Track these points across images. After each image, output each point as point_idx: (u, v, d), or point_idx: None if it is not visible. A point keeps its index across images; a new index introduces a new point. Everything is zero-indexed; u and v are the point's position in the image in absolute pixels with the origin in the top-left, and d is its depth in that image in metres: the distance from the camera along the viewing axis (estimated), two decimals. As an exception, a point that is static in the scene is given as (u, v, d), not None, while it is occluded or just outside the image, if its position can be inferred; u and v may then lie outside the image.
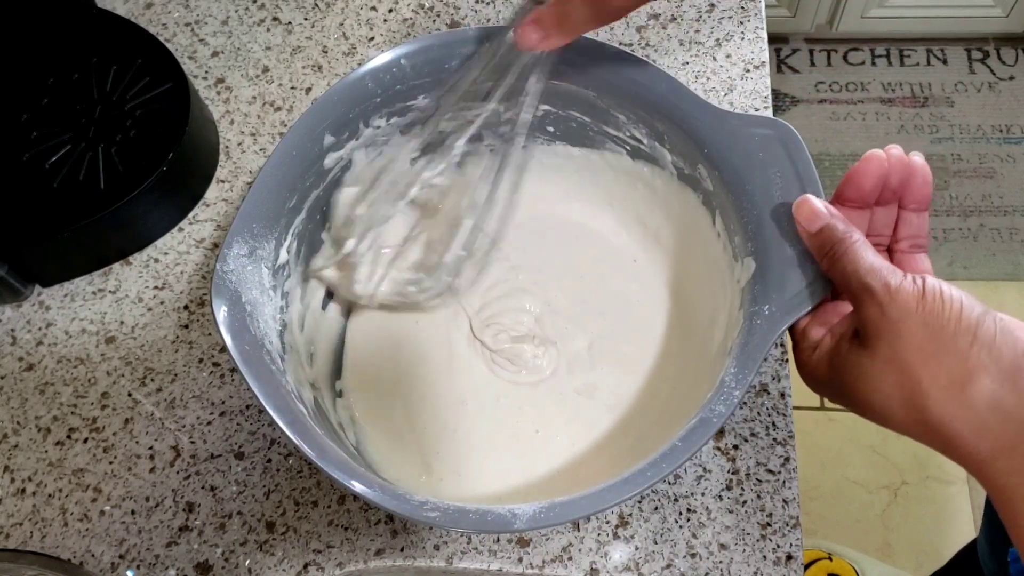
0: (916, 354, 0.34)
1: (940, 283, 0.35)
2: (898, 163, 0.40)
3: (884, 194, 0.41)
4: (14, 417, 0.52)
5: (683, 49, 0.63)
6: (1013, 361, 0.33)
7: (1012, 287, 1.40)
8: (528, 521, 0.37)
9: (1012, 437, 0.33)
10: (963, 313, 0.34)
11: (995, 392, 0.33)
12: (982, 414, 0.33)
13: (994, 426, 0.33)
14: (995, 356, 0.33)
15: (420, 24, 0.66)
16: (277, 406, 0.39)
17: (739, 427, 0.50)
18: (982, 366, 0.33)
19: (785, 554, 0.47)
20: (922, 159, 0.41)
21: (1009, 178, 1.50)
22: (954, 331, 0.34)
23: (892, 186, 0.41)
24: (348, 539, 0.48)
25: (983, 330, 0.34)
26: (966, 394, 0.33)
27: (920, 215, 0.42)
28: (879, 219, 0.42)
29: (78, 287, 0.56)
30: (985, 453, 0.33)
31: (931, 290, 0.35)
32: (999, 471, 0.33)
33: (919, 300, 0.35)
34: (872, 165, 0.40)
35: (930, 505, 1.21)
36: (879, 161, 0.40)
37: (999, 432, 0.33)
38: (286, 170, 0.45)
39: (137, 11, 0.67)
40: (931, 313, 0.34)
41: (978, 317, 0.34)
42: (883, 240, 0.42)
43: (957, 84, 1.59)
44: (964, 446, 0.34)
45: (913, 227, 0.42)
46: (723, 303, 0.47)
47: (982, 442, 0.33)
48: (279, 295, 0.46)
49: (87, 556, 0.48)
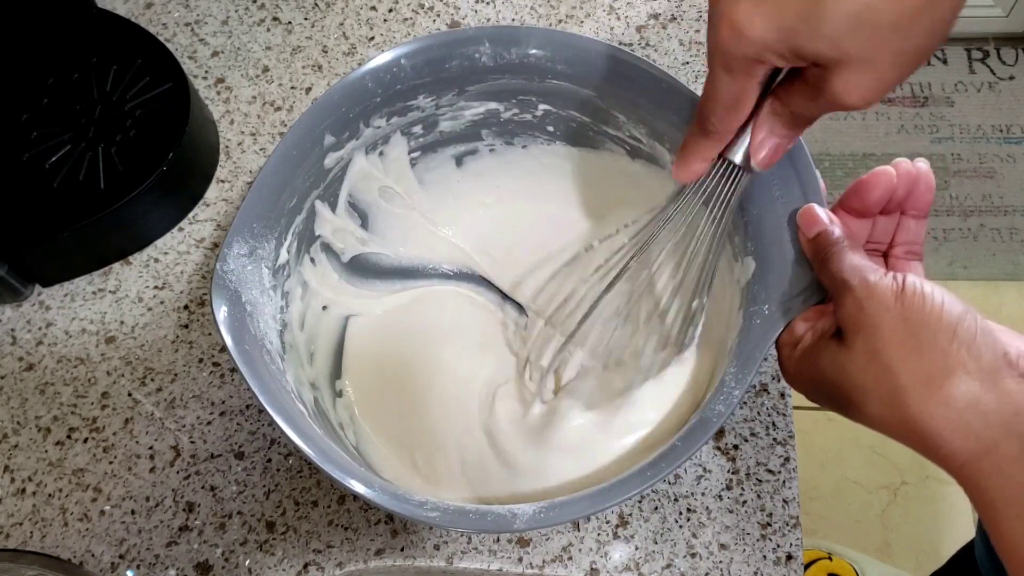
0: (895, 350, 0.34)
1: (921, 280, 0.35)
2: (905, 176, 0.40)
3: (888, 205, 0.41)
4: (14, 417, 0.52)
5: (683, 49, 0.63)
6: (992, 361, 0.33)
7: (1012, 287, 1.40)
8: (528, 521, 0.37)
9: (992, 437, 0.33)
10: (943, 310, 0.34)
11: (974, 391, 0.33)
12: (961, 413, 0.33)
13: (974, 425, 0.33)
14: (975, 354, 0.33)
15: (420, 24, 0.66)
16: (277, 406, 0.39)
17: (739, 427, 0.50)
18: (961, 364, 0.33)
19: (785, 554, 0.47)
20: (927, 165, 0.41)
21: (1009, 178, 1.50)
22: (934, 328, 0.34)
23: (897, 198, 0.41)
24: (348, 539, 0.48)
25: (963, 328, 0.34)
26: (944, 392, 0.33)
27: (919, 222, 0.42)
28: (880, 227, 0.42)
29: (78, 287, 0.56)
30: (965, 454, 0.33)
31: (911, 287, 0.35)
32: (980, 472, 0.33)
33: (898, 296, 0.35)
34: (880, 179, 0.40)
35: (930, 505, 1.21)
36: (888, 177, 0.40)
37: (979, 432, 0.33)
38: (286, 170, 0.45)
39: (137, 11, 0.67)
40: (910, 309, 0.34)
41: (959, 315, 0.34)
42: (880, 247, 0.42)
43: (957, 84, 1.59)
44: (944, 446, 0.33)
45: (911, 233, 0.42)
46: (723, 303, 0.47)
47: (963, 442, 0.33)
48: (279, 295, 0.46)
49: (87, 556, 0.48)
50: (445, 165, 0.53)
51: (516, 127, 0.52)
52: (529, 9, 0.66)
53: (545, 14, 0.66)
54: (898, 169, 0.40)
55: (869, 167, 0.43)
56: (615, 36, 0.64)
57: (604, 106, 0.49)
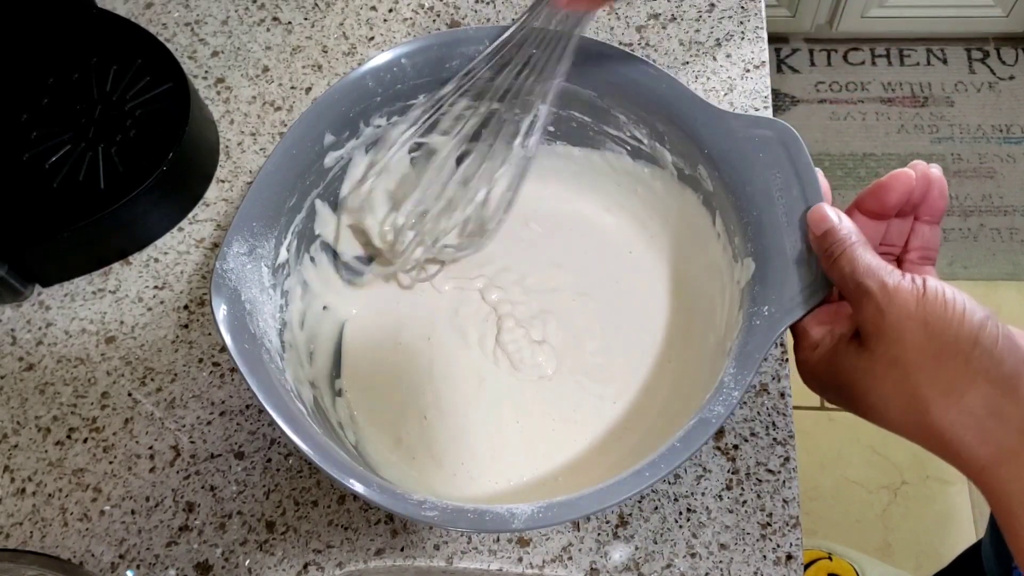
0: (916, 356, 0.34)
1: (943, 285, 0.35)
2: (923, 177, 0.40)
3: (904, 207, 0.41)
4: (14, 417, 0.52)
5: (683, 49, 0.63)
6: (1014, 367, 0.33)
7: (1012, 287, 1.40)
8: (527, 521, 0.37)
9: (1013, 444, 0.32)
10: (965, 316, 0.34)
11: (996, 398, 0.33)
12: (982, 420, 0.33)
13: (995, 432, 0.33)
14: (996, 361, 0.33)
15: (420, 24, 0.66)
16: (277, 406, 0.39)
17: (739, 427, 0.50)
18: (983, 371, 0.33)
19: (785, 554, 0.47)
20: (939, 171, 0.40)
21: (1009, 178, 1.50)
22: (956, 334, 0.33)
23: (913, 200, 0.40)
24: (348, 539, 0.48)
25: (985, 334, 0.33)
26: (966, 399, 0.33)
27: (933, 228, 0.41)
28: (894, 230, 0.42)
29: (78, 287, 0.56)
30: (985, 460, 0.33)
31: (932, 291, 0.34)
32: (1000, 478, 0.33)
33: (919, 301, 0.34)
34: (899, 181, 0.40)
35: (930, 505, 1.21)
36: (907, 179, 0.39)
37: (1000, 438, 0.33)
38: (286, 169, 0.45)
39: (137, 11, 0.67)
40: (932, 314, 0.34)
41: (980, 321, 0.33)
42: (894, 250, 0.42)
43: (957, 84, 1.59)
44: (964, 452, 0.33)
45: (924, 239, 0.41)
46: (723, 304, 0.47)
47: (982, 448, 0.33)
48: (279, 294, 0.46)
49: (87, 556, 0.48)
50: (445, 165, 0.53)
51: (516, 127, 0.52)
52: (529, 9, 0.66)
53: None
54: (916, 170, 0.40)
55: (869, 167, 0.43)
56: (615, 36, 0.64)
57: (604, 106, 0.49)
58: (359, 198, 0.49)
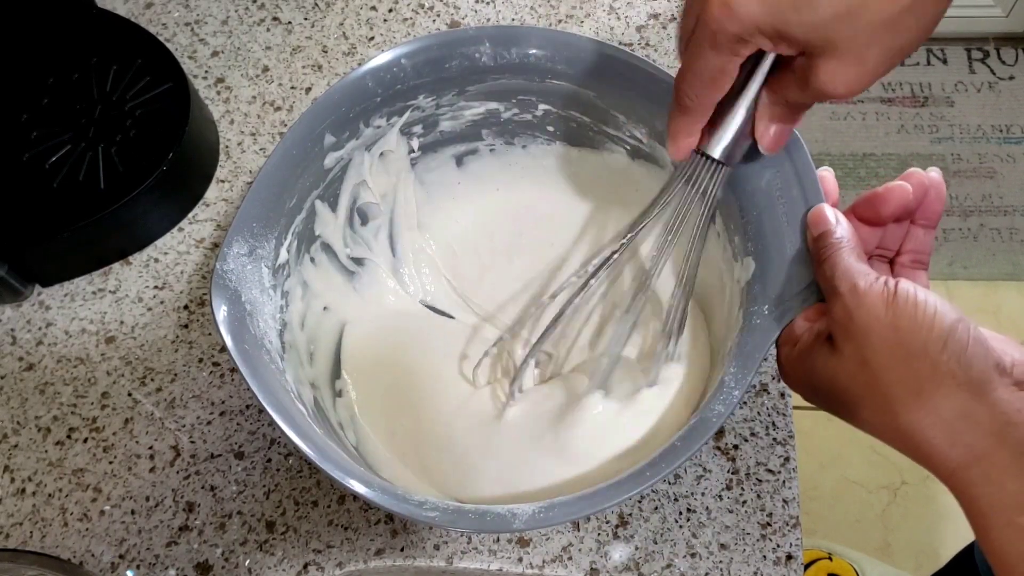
0: (885, 358, 0.34)
1: (915, 287, 0.35)
2: (918, 187, 0.40)
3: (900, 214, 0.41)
4: (14, 417, 0.52)
5: (683, 49, 0.63)
6: (983, 371, 0.33)
7: (1012, 287, 1.40)
8: (527, 521, 0.37)
9: (982, 447, 0.33)
10: (935, 319, 0.33)
11: (966, 401, 0.33)
12: (952, 423, 0.33)
13: (964, 435, 0.33)
14: (964, 365, 0.33)
15: (420, 24, 0.66)
16: (277, 406, 0.39)
17: (739, 427, 0.50)
18: (951, 374, 0.33)
19: (785, 554, 0.47)
20: (939, 175, 0.40)
21: (1009, 178, 1.50)
22: (925, 337, 0.33)
23: (909, 207, 0.40)
24: (348, 539, 0.48)
25: (954, 338, 0.33)
26: (936, 401, 0.33)
27: (927, 231, 0.41)
28: (890, 234, 0.42)
29: (78, 287, 0.56)
30: (955, 462, 0.33)
31: (903, 294, 0.34)
32: (970, 481, 0.33)
33: (889, 304, 0.34)
34: (895, 194, 0.39)
35: (930, 505, 1.21)
36: (903, 193, 0.39)
37: (969, 441, 0.33)
38: (286, 170, 0.45)
39: (137, 11, 0.67)
40: (901, 317, 0.34)
41: (951, 324, 0.33)
42: (888, 253, 0.42)
43: (957, 84, 1.59)
44: (935, 454, 0.33)
45: (918, 242, 0.41)
46: (723, 303, 0.47)
47: (952, 451, 0.33)
48: (279, 294, 0.46)
49: (87, 556, 0.48)
50: (445, 165, 0.53)
51: (516, 127, 0.52)
52: (529, 9, 0.66)
53: (545, 14, 0.66)
54: (911, 181, 0.40)
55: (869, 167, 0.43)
56: (615, 36, 0.64)
57: (604, 106, 0.49)
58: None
